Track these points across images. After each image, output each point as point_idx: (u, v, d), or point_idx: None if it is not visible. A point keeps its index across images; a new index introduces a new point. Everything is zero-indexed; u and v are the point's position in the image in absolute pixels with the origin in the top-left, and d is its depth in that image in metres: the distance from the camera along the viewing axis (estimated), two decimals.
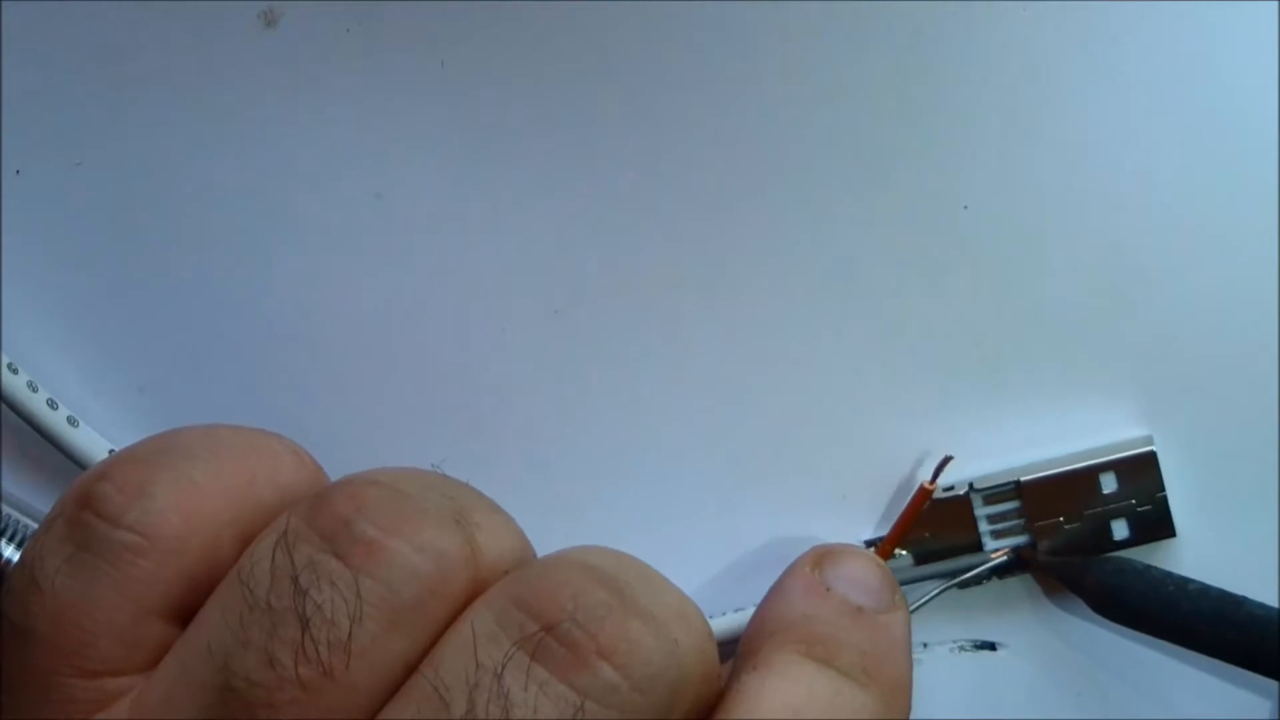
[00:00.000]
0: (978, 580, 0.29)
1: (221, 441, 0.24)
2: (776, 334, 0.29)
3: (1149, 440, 0.28)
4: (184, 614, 0.22)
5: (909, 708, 0.25)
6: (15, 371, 0.27)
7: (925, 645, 0.29)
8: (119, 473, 0.22)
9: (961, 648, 0.29)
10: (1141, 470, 0.28)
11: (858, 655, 0.24)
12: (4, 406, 0.27)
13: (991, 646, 0.29)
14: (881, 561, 0.27)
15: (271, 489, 0.23)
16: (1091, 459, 0.28)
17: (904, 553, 0.28)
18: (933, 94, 0.28)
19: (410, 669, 0.21)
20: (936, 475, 0.28)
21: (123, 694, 0.21)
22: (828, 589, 0.25)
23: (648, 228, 0.29)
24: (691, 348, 0.29)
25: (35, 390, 0.27)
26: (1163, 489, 0.28)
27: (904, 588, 0.28)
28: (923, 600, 0.28)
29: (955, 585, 0.29)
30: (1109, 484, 0.28)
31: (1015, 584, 0.29)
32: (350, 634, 0.20)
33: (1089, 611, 0.28)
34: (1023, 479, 0.28)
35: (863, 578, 0.26)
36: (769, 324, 0.29)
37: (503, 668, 0.20)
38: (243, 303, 0.29)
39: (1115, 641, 0.29)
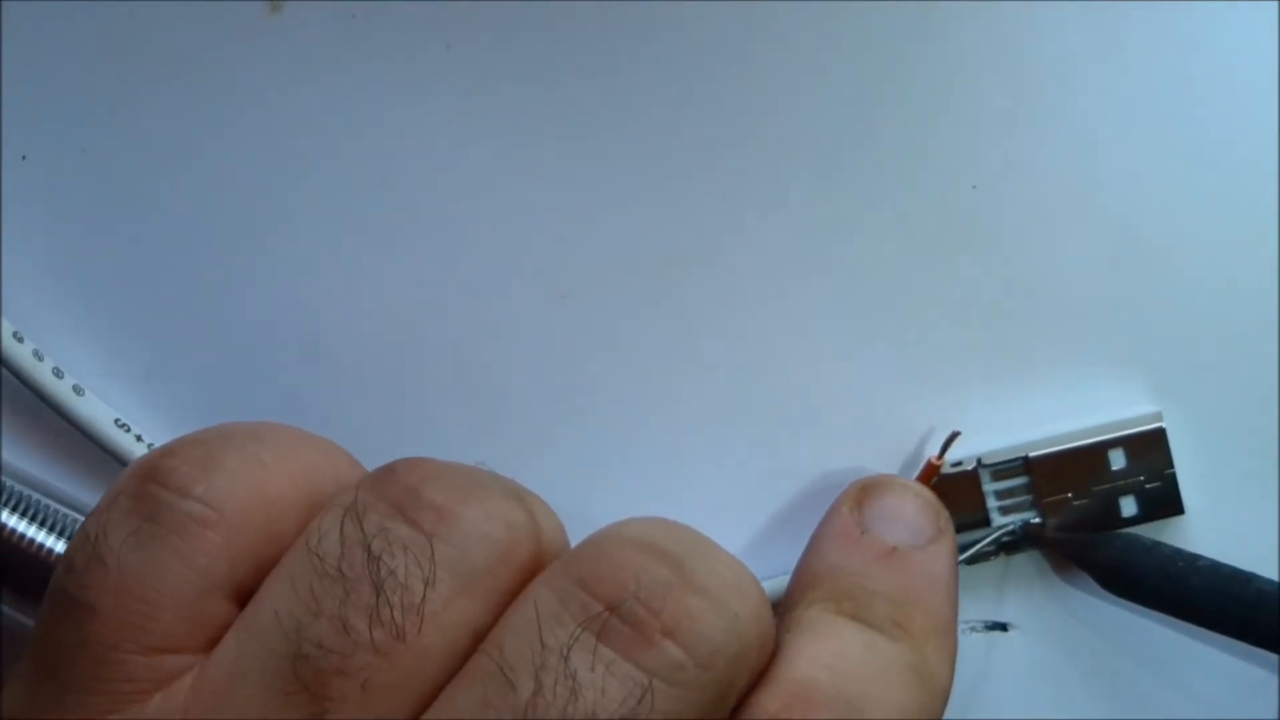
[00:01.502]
0: (985, 555, 0.29)
1: (285, 432, 0.24)
2: (785, 313, 0.29)
3: (1158, 417, 0.28)
4: (243, 595, 0.22)
5: (953, 645, 0.25)
6: (20, 340, 0.27)
7: None
8: (186, 450, 0.22)
9: (973, 628, 0.29)
10: (1151, 447, 0.28)
11: (888, 605, 0.24)
12: (8, 374, 0.27)
13: (1003, 627, 0.29)
14: (923, 489, 0.27)
15: (333, 482, 0.23)
16: (1101, 435, 0.28)
17: None
18: (942, 76, 0.28)
19: (478, 638, 0.21)
20: (944, 451, 0.28)
21: (181, 672, 0.21)
22: (862, 532, 0.26)
23: (654, 209, 0.29)
24: (699, 328, 0.29)
25: (41, 359, 0.27)
26: (1171, 466, 0.28)
27: None
28: None
29: (964, 561, 0.28)
30: (1118, 460, 0.28)
31: (1024, 561, 0.29)
32: (424, 597, 0.20)
33: (1098, 588, 0.28)
34: (1031, 454, 0.28)
35: (899, 512, 0.26)
36: (777, 303, 0.29)
37: (569, 649, 0.20)
38: (249, 288, 0.29)
39: (1125, 618, 0.29)
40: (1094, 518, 0.28)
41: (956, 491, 0.28)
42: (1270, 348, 0.29)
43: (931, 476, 0.28)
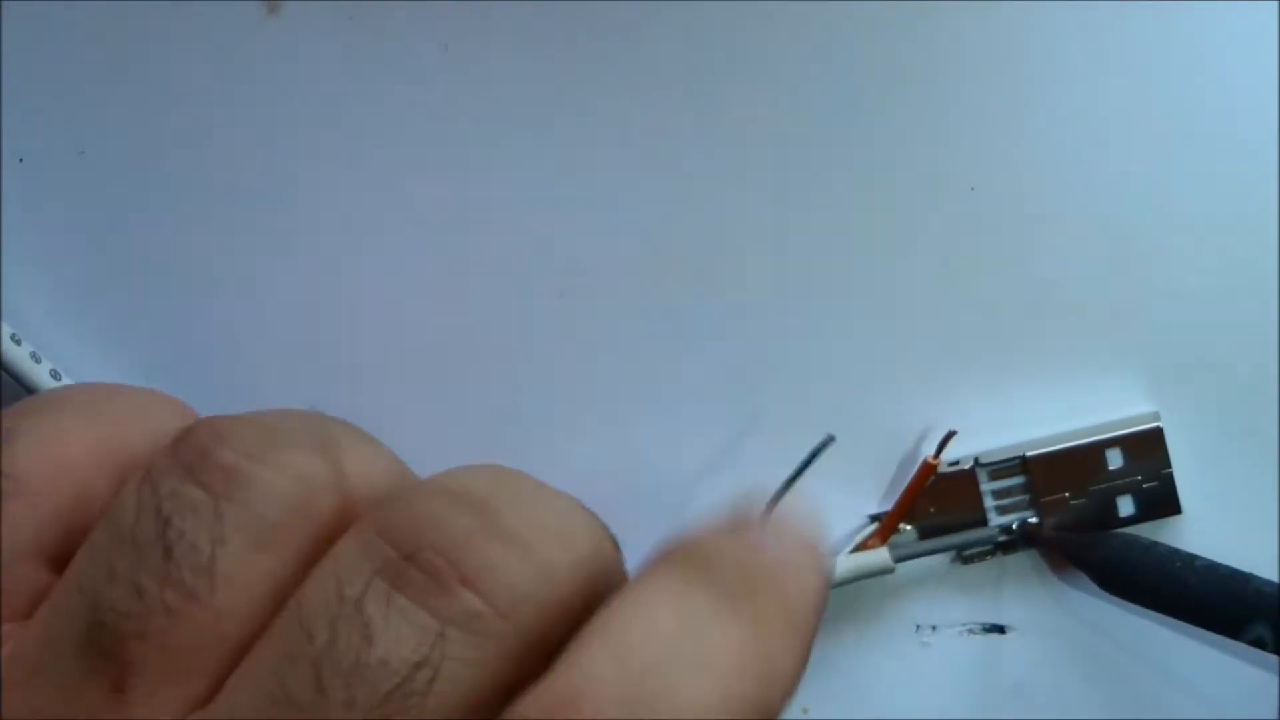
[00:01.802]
0: (982, 555, 0.29)
1: (94, 394, 0.24)
2: (784, 313, 0.29)
3: (1155, 417, 0.28)
4: (60, 561, 0.22)
5: (804, 636, 0.22)
6: (18, 342, 0.27)
7: (934, 628, 0.29)
8: None
9: (970, 630, 0.29)
10: (1148, 446, 0.28)
11: (735, 564, 0.22)
12: (6, 376, 0.27)
13: (1000, 629, 0.29)
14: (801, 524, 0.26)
15: (144, 436, 0.23)
16: (1098, 434, 0.28)
17: (908, 527, 0.28)
18: (940, 79, 0.28)
19: (282, 593, 0.21)
20: (940, 450, 0.28)
21: (3, 641, 0.21)
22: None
23: (652, 209, 0.29)
24: (697, 327, 0.29)
25: (38, 361, 0.28)
26: (1168, 465, 0.28)
27: (908, 563, 0.28)
28: (918, 552, 0.28)
29: (960, 560, 0.29)
30: (1115, 460, 0.28)
31: (1022, 560, 0.29)
32: (213, 558, 0.20)
33: (1096, 588, 0.28)
34: (1029, 454, 0.28)
35: (775, 529, 0.25)
36: (776, 303, 0.29)
37: (363, 597, 0.20)
38: (247, 288, 0.29)
39: (1123, 618, 0.29)
40: (1091, 517, 0.28)
41: (954, 491, 0.28)
42: (1269, 347, 0.29)
43: (928, 476, 0.28)
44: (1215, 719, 0.29)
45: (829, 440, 0.28)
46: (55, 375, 0.28)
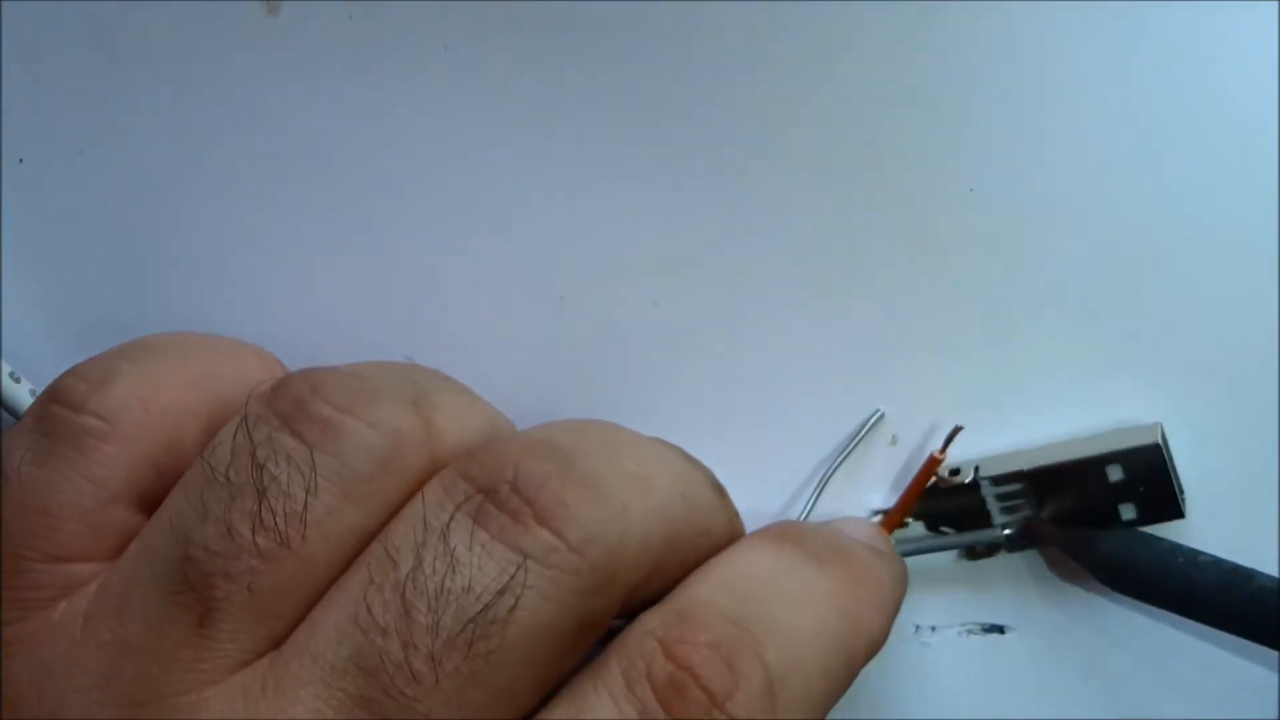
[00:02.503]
0: (989, 551, 0.28)
1: (186, 341, 0.25)
2: (784, 314, 0.29)
3: (1156, 430, 0.28)
4: (150, 504, 0.23)
5: (888, 603, 0.25)
6: (18, 380, 0.27)
7: (934, 629, 0.29)
8: (84, 368, 0.23)
9: (970, 631, 0.29)
10: (1148, 461, 0.27)
11: (823, 543, 0.24)
12: (6, 416, 0.27)
13: (1000, 630, 0.29)
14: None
15: (235, 384, 0.24)
16: (1098, 445, 0.27)
17: (913, 522, 0.28)
18: (939, 78, 0.28)
19: (365, 545, 0.22)
20: (946, 445, 0.28)
21: (89, 580, 0.22)
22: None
23: (652, 210, 0.29)
24: (697, 329, 0.29)
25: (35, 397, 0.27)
26: (1169, 478, 0.27)
27: (914, 558, 0.28)
28: (923, 548, 0.28)
29: (965, 556, 0.28)
30: (1115, 473, 0.27)
31: (1024, 558, 0.29)
32: (305, 505, 0.21)
33: (1097, 587, 0.28)
34: (1027, 468, 0.28)
35: (852, 525, 0.27)
36: (776, 305, 0.29)
37: (447, 528, 0.21)
38: (247, 290, 0.29)
39: (1124, 617, 0.29)
40: (1093, 521, 0.28)
41: (956, 494, 0.28)
42: (1270, 350, 0.28)
43: (933, 469, 0.28)
44: (1215, 719, 0.29)
45: (878, 415, 0.28)
46: None
